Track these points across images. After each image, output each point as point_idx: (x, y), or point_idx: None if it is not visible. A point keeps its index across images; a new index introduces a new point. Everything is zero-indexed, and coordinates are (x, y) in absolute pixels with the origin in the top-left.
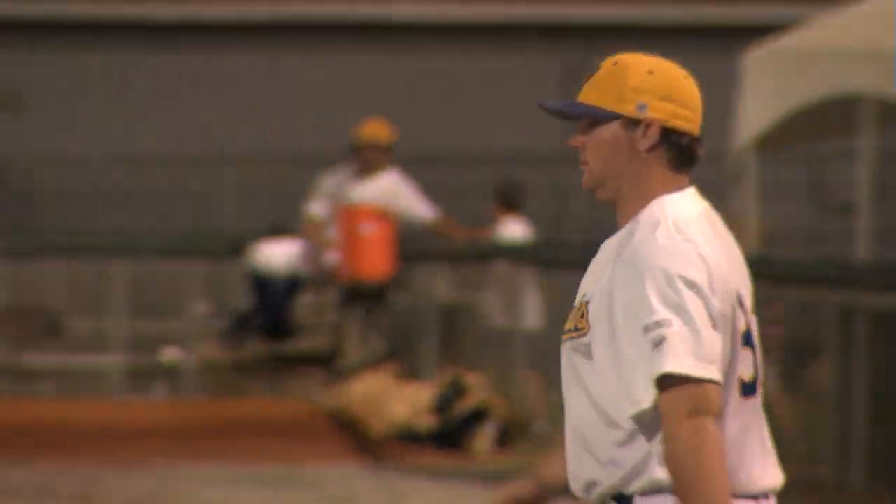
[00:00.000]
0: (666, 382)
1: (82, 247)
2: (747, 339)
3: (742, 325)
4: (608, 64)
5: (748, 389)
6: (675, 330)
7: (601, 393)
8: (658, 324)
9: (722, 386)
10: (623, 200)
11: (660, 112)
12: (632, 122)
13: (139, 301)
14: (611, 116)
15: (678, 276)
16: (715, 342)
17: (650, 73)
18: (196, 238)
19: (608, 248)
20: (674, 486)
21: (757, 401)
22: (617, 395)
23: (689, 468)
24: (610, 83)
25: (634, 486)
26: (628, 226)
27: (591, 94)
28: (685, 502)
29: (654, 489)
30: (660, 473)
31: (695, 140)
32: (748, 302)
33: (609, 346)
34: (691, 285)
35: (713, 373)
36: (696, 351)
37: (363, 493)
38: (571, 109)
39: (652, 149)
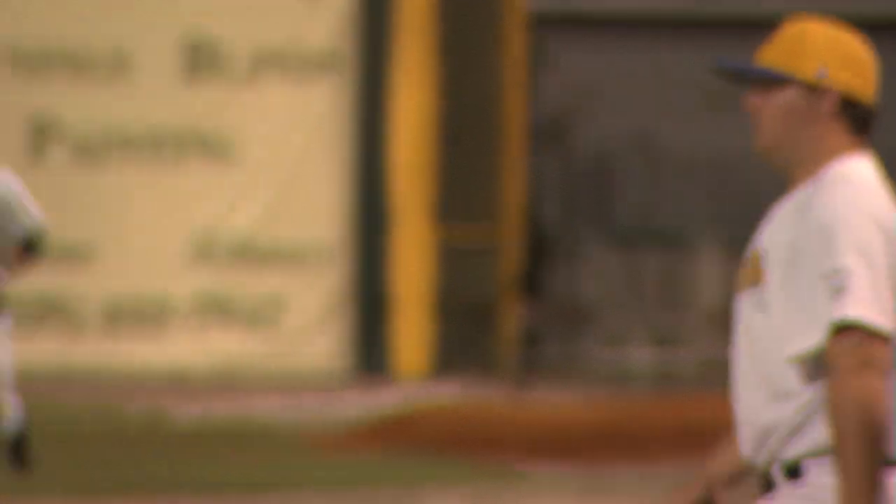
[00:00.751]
0: (841, 330)
1: None
2: None
3: None
4: (788, 28)
5: None
6: (859, 278)
7: (770, 357)
8: (839, 271)
9: (893, 344)
10: (798, 165)
11: (839, 78)
12: (810, 88)
13: None
14: (790, 80)
15: (867, 228)
16: (891, 299)
17: (830, 39)
18: None
19: (786, 207)
20: (833, 438)
21: None
22: (784, 356)
23: (854, 424)
24: (790, 47)
25: (802, 451)
26: (809, 186)
27: (770, 57)
28: (842, 455)
29: (823, 450)
30: (826, 434)
31: (871, 108)
32: None
33: (782, 292)
34: (878, 239)
35: (889, 326)
36: (877, 303)
37: None
38: (751, 71)
39: (830, 115)
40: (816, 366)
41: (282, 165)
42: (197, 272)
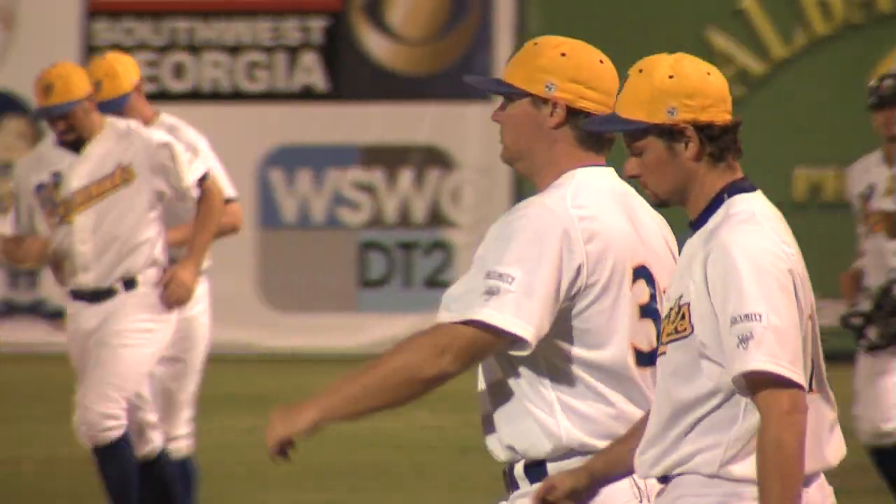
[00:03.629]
0: (469, 323)
1: None
2: (647, 311)
3: (643, 298)
4: (528, 45)
5: (644, 359)
6: (511, 287)
7: None
8: (500, 276)
9: (526, 342)
10: (537, 175)
11: (567, 93)
12: (540, 101)
13: None
14: (521, 94)
15: (542, 235)
16: (544, 306)
17: (563, 54)
18: None
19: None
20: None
21: (657, 371)
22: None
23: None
24: (524, 63)
25: (539, 452)
26: None
27: (509, 73)
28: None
29: (565, 453)
30: (560, 433)
31: None
32: (660, 280)
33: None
34: (549, 248)
35: (520, 328)
36: (519, 310)
37: None
38: (486, 86)
39: (558, 127)
40: (505, 359)
41: None
42: None
